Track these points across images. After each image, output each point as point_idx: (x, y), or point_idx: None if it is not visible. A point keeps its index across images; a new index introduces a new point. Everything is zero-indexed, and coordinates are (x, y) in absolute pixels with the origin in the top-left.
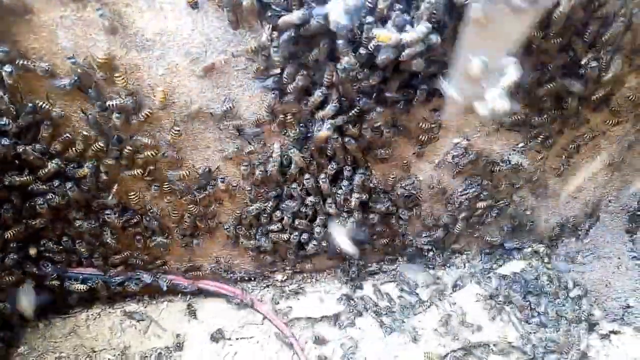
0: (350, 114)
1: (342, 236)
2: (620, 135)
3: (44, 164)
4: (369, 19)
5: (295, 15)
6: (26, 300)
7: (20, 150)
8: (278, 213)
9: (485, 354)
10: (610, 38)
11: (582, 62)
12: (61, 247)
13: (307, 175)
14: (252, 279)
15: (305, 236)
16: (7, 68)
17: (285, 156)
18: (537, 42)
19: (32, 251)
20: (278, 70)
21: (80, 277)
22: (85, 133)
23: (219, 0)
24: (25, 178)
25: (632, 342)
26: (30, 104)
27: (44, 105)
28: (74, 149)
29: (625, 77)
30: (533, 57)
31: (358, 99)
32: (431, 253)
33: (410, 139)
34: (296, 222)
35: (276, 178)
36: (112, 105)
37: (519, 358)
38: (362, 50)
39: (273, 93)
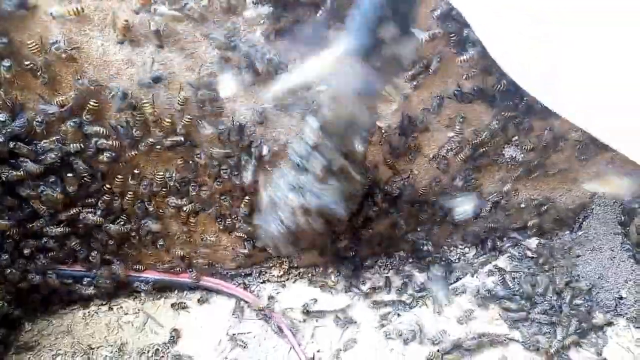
0: None
1: None
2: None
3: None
4: None
5: None
6: None
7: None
8: None
9: (480, 347)
10: None
11: None
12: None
13: None
14: (249, 274)
15: None
16: (6, 62)
17: None
18: None
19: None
20: None
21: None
22: None
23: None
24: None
25: (624, 333)
26: None
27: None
28: None
29: None
30: None
31: None
32: (426, 247)
33: None
34: None
35: None
36: None
37: (513, 350)
38: None
39: None
